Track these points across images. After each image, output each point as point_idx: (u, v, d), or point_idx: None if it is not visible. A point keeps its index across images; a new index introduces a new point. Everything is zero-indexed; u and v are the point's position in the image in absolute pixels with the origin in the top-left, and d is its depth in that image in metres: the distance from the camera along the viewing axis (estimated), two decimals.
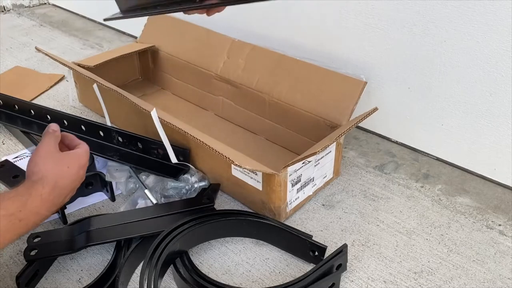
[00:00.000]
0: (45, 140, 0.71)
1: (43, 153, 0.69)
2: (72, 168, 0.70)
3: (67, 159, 0.70)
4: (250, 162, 0.79)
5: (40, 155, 0.69)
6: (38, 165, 0.67)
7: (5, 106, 1.09)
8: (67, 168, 0.69)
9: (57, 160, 0.69)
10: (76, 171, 0.70)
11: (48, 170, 0.66)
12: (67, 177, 0.68)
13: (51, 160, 0.68)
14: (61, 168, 0.68)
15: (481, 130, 0.94)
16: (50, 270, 0.78)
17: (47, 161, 0.68)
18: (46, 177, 0.66)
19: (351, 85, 0.93)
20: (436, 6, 0.90)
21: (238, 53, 1.11)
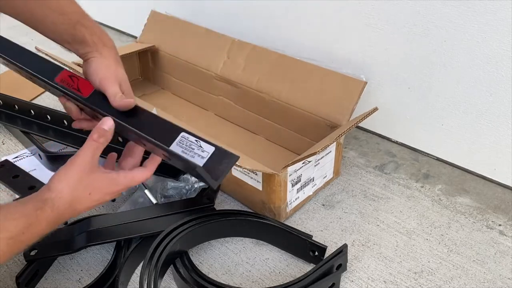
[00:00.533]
0: (82, 152, 0.61)
1: (69, 170, 0.59)
2: (94, 195, 0.60)
3: (93, 184, 0.60)
4: (250, 162, 0.79)
5: (66, 170, 0.60)
6: (59, 181, 0.59)
7: (5, 106, 1.09)
8: (88, 195, 0.60)
9: (80, 182, 0.59)
10: (99, 197, 0.61)
11: (64, 193, 0.58)
12: (84, 203, 0.60)
13: (73, 182, 0.59)
14: (82, 194, 0.59)
15: (481, 130, 0.94)
16: (50, 270, 0.78)
17: (68, 181, 0.59)
18: (60, 199, 0.57)
19: (351, 85, 0.93)
20: (436, 6, 0.90)
21: (238, 53, 1.11)
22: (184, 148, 0.63)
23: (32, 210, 0.56)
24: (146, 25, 1.30)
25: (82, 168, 0.59)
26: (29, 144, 1.03)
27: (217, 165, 0.62)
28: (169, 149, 0.62)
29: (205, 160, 0.62)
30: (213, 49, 1.16)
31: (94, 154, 0.61)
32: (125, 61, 1.29)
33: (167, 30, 1.26)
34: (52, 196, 0.57)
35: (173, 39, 1.24)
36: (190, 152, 0.63)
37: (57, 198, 0.57)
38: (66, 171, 0.60)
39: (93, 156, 0.60)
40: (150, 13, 1.31)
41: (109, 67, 0.69)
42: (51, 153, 0.98)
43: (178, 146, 0.64)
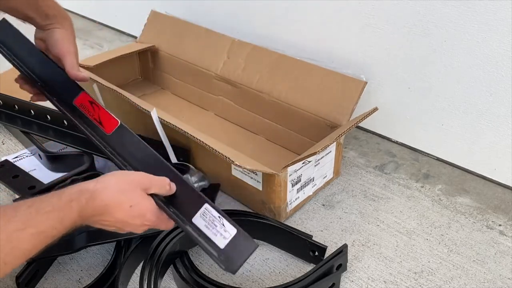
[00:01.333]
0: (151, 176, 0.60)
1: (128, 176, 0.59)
2: (134, 210, 0.57)
3: (139, 200, 0.58)
4: (250, 162, 0.79)
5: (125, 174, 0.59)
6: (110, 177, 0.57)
7: (5, 106, 1.09)
8: (129, 207, 0.57)
9: (130, 191, 0.57)
10: (135, 215, 0.58)
11: (110, 190, 0.56)
12: (121, 210, 0.57)
13: (125, 186, 0.57)
14: (124, 200, 0.57)
15: (481, 130, 0.94)
16: (50, 270, 0.78)
17: (120, 183, 0.57)
18: (101, 192, 0.56)
19: (351, 85, 0.93)
20: (436, 6, 0.90)
21: (238, 53, 1.11)
22: (207, 223, 0.61)
23: (67, 201, 0.53)
24: (146, 25, 1.30)
25: (141, 183, 0.58)
26: (29, 144, 1.03)
27: (237, 250, 0.59)
28: (193, 223, 0.60)
29: (227, 241, 0.59)
30: (213, 49, 1.16)
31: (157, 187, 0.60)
32: (125, 61, 1.30)
33: (167, 30, 1.26)
34: (95, 187, 0.56)
35: (173, 39, 1.24)
36: (213, 229, 0.60)
37: (99, 190, 0.56)
38: (125, 174, 0.59)
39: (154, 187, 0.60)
40: (150, 13, 1.31)
41: (70, 39, 0.73)
42: (51, 153, 0.98)
43: (201, 219, 0.61)
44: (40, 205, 0.52)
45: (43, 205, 0.52)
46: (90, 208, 0.55)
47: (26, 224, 0.50)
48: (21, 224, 0.49)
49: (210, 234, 0.60)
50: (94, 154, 0.95)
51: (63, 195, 0.54)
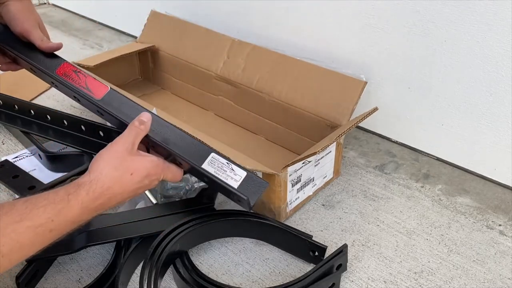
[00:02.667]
0: (123, 135, 0.60)
1: (111, 151, 0.59)
2: (136, 175, 0.59)
3: (135, 164, 0.59)
4: (250, 162, 0.79)
5: (108, 151, 0.59)
6: (97, 162, 0.58)
7: (5, 106, 1.09)
8: (130, 175, 0.58)
9: (121, 162, 0.58)
10: (140, 179, 0.60)
11: (105, 173, 0.57)
12: (125, 183, 0.58)
13: (115, 161, 0.58)
14: (122, 174, 0.58)
15: (481, 130, 0.94)
16: (50, 270, 0.78)
17: (109, 161, 0.58)
18: (98, 180, 0.56)
19: (351, 85, 0.93)
20: (436, 6, 0.90)
21: (238, 53, 1.11)
22: (215, 169, 0.66)
23: (64, 195, 0.53)
24: (146, 25, 1.30)
25: (124, 149, 0.59)
26: (29, 144, 1.03)
27: (250, 188, 0.65)
28: (202, 167, 0.65)
29: (239, 183, 0.65)
30: (213, 49, 1.16)
31: (136, 138, 0.61)
32: (125, 61, 1.30)
33: (167, 30, 1.26)
34: (90, 178, 0.56)
35: (173, 39, 1.24)
36: (222, 173, 0.66)
37: (95, 180, 0.56)
38: (107, 151, 0.59)
39: (134, 140, 0.61)
40: (150, 13, 1.31)
41: (27, 11, 0.71)
42: (51, 153, 0.98)
43: (209, 166, 0.66)
44: (37, 199, 0.52)
45: (39, 200, 0.52)
46: (94, 198, 0.55)
47: (22, 217, 0.50)
48: (17, 217, 0.50)
49: (222, 178, 0.65)
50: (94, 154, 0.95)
51: (59, 190, 0.54)
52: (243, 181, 0.65)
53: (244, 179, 0.65)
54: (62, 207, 0.53)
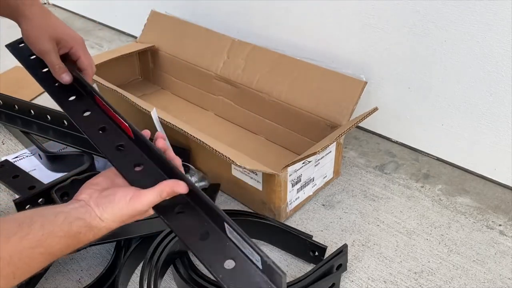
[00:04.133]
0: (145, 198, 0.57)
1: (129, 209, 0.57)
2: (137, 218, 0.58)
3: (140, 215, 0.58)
4: (250, 162, 0.79)
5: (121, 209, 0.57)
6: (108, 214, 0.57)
7: (5, 106, 1.09)
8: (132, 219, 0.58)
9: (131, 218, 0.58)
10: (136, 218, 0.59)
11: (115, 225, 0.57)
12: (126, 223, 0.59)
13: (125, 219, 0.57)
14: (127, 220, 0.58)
15: (481, 130, 0.94)
16: (50, 270, 0.78)
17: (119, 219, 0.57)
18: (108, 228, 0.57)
19: (351, 85, 0.93)
20: (436, 6, 0.90)
21: (238, 53, 1.11)
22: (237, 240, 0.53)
23: (76, 232, 0.55)
24: (146, 25, 1.30)
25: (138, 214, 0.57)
26: (29, 144, 1.03)
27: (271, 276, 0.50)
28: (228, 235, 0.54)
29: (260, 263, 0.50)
30: (213, 49, 1.16)
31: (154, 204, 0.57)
32: (125, 61, 1.30)
33: (167, 30, 1.26)
34: (101, 225, 0.56)
35: (173, 39, 1.24)
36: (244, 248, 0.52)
37: (106, 227, 0.57)
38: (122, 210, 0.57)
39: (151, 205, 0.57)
40: (150, 13, 1.31)
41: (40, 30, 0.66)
42: (51, 153, 0.98)
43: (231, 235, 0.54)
44: (52, 228, 0.53)
45: (55, 230, 0.53)
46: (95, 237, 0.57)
47: (37, 244, 0.51)
48: (34, 243, 0.51)
49: (246, 251, 0.52)
50: (94, 154, 0.95)
51: (73, 224, 0.54)
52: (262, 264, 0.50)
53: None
54: (72, 242, 0.55)
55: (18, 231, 0.51)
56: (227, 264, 0.52)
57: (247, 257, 0.52)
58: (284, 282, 0.48)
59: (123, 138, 0.64)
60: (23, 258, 0.51)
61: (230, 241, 0.54)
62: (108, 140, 0.65)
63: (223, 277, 0.51)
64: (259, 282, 0.50)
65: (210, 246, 0.54)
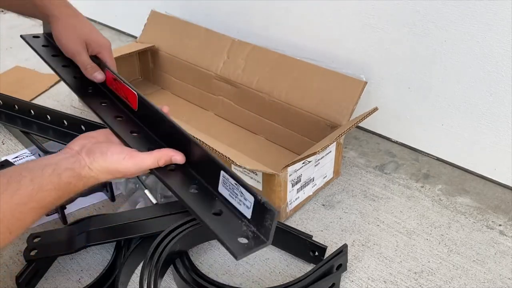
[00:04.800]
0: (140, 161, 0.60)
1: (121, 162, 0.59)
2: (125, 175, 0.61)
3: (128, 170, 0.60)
4: (250, 162, 0.79)
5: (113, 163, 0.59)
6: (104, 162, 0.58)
7: (5, 106, 1.09)
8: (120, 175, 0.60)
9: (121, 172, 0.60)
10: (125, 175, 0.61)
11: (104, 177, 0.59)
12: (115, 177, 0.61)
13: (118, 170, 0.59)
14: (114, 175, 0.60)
15: (481, 130, 0.94)
16: (50, 270, 0.78)
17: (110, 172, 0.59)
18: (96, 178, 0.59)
19: (351, 85, 0.93)
20: (436, 6, 0.90)
21: (238, 53, 1.11)
22: (230, 192, 0.55)
23: (66, 183, 0.56)
24: (146, 25, 1.30)
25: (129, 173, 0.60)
26: (29, 144, 1.03)
27: (262, 220, 0.51)
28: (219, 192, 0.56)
29: (250, 210, 0.53)
30: (213, 49, 1.16)
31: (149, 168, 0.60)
32: (125, 61, 1.30)
33: (167, 30, 1.26)
34: (90, 175, 0.58)
35: (173, 39, 1.24)
36: (235, 197, 0.54)
37: (94, 177, 0.58)
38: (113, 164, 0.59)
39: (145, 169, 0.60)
40: (150, 13, 1.31)
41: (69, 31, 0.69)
42: (51, 153, 0.98)
43: (224, 188, 0.56)
44: (42, 181, 0.54)
45: (45, 183, 0.54)
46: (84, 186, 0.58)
47: (29, 199, 0.53)
48: (25, 199, 0.52)
49: (236, 203, 0.54)
50: None
51: (62, 176, 0.56)
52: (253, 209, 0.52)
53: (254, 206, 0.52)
54: (63, 193, 0.56)
55: (7, 187, 0.52)
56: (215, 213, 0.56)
57: (235, 209, 0.55)
58: (276, 218, 0.50)
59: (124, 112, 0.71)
60: (15, 214, 0.52)
61: (219, 196, 0.57)
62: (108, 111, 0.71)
63: (209, 221, 0.54)
64: (245, 230, 0.52)
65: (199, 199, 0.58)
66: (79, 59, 0.70)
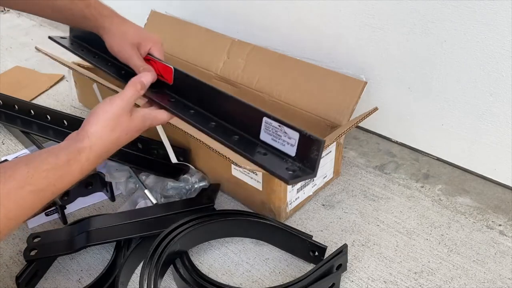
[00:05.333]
0: (124, 95, 0.61)
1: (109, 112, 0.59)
2: (131, 135, 0.62)
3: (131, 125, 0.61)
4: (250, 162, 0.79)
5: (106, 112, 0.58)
6: (96, 125, 0.57)
7: (5, 106, 1.09)
8: (126, 135, 0.61)
9: (119, 124, 0.59)
10: (133, 135, 0.62)
11: (104, 137, 0.58)
12: (121, 142, 0.61)
13: (113, 122, 0.59)
14: (119, 135, 0.59)
15: (481, 130, 0.94)
16: (50, 270, 0.78)
17: (108, 123, 0.58)
18: (98, 146, 0.57)
19: (351, 85, 0.93)
20: (436, 6, 0.90)
21: (238, 53, 1.11)
22: (272, 136, 0.61)
23: (65, 160, 0.54)
24: (146, 25, 1.30)
25: (122, 109, 0.60)
26: (29, 144, 1.03)
27: (307, 153, 0.57)
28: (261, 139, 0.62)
29: (295, 148, 0.58)
30: (213, 49, 1.16)
31: (134, 100, 0.62)
32: None
33: (167, 30, 1.26)
34: (90, 143, 0.57)
35: (173, 39, 1.24)
36: (279, 139, 0.60)
37: (95, 145, 0.57)
38: (105, 112, 0.59)
39: (133, 101, 0.62)
40: (150, 13, 1.31)
41: (120, 37, 0.72)
42: None
43: (266, 133, 0.62)
44: (39, 163, 0.53)
45: (41, 164, 0.53)
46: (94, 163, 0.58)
47: (26, 182, 0.51)
48: (22, 182, 0.51)
49: (279, 146, 0.60)
50: None
51: (60, 153, 0.55)
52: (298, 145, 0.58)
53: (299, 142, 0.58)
54: (63, 172, 0.54)
55: (2, 175, 0.50)
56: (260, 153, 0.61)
57: (279, 151, 0.60)
58: (323, 148, 0.56)
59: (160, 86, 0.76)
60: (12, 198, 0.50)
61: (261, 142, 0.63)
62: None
63: (257, 158, 0.60)
64: (291, 166, 0.58)
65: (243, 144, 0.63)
66: (132, 63, 0.73)
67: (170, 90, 0.75)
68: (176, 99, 0.74)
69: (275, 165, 0.59)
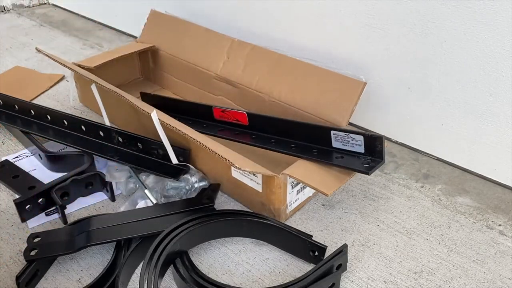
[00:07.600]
0: None
1: None
2: None
3: None
4: (250, 164, 0.79)
5: None
6: None
7: (5, 106, 1.09)
8: None
9: None
10: None
11: None
12: None
13: None
14: None
15: (481, 130, 0.94)
16: (50, 270, 0.78)
17: None
18: None
19: (351, 85, 0.93)
20: (436, 6, 0.90)
21: (238, 53, 1.11)
22: (342, 142, 0.81)
23: None
24: (146, 25, 1.30)
25: None
26: (29, 144, 1.03)
27: (373, 148, 0.78)
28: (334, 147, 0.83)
29: (363, 147, 0.79)
30: (213, 49, 1.16)
31: None
32: (125, 61, 1.31)
33: (167, 30, 1.26)
34: None
35: (173, 39, 1.24)
36: (347, 143, 0.81)
37: None
38: None
39: None
40: (150, 13, 1.31)
41: None
42: (51, 153, 0.98)
43: (337, 141, 0.82)
44: None
45: None
46: None
47: None
48: None
49: (350, 148, 0.81)
50: (94, 154, 0.95)
51: None
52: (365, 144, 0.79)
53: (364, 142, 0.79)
54: None
55: None
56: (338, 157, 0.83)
57: (351, 152, 0.82)
58: (384, 141, 0.77)
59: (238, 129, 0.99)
60: None
61: (335, 149, 0.84)
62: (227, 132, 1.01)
63: (336, 161, 0.81)
64: (364, 161, 0.80)
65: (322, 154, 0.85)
66: None
67: (248, 129, 0.95)
68: (256, 135, 0.94)
69: (353, 163, 0.80)
